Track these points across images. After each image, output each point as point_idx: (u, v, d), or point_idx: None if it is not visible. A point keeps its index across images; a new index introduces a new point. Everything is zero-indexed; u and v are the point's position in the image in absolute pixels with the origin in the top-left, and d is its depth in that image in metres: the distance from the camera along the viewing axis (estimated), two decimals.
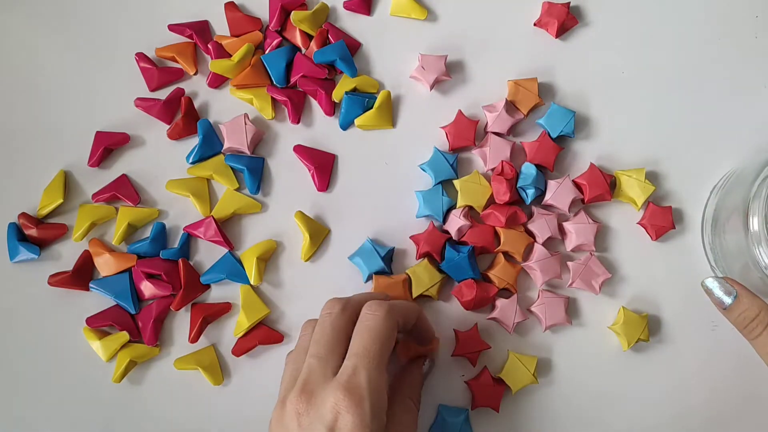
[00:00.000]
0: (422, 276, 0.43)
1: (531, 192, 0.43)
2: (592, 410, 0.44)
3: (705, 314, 0.45)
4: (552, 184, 0.44)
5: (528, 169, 0.44)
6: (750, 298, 0.36)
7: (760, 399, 0.44)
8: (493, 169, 0.45)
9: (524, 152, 0.45)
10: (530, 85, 0.45)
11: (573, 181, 0.44)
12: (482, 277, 0.44)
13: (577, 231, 0.44)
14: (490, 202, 0.44)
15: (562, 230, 0.44)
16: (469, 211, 0.44)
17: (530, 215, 0.44)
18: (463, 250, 0.43)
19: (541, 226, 0.43)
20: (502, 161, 0.44)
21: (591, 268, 0.44)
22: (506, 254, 0.44)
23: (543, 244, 0.43)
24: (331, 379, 0.33)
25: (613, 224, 0.45)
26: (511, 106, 0.45)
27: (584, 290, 0.44)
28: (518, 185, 0.44)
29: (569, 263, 0.44)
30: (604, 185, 0.44)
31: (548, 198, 0.44)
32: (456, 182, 0.44)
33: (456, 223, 0.43)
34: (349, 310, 0.36)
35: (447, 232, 0.44)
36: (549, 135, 0.44)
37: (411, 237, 0.44)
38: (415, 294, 0.43)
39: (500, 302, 0.43)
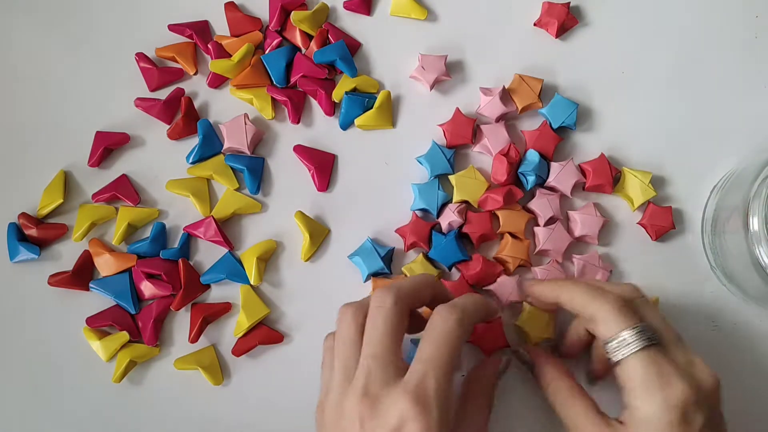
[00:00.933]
0: (418, 272, 0.43)
1: (531, 179, 0.44)
2: None
3: (705, 314, 0.45)
4: (555, 167, 0.44)
5: (532, 156, 0.44)
6: None
7: (761, 399, 0.44)
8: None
9: (525, 142, 0.45)
10: (534, 84, 0.45)
11: (579, 165, 0.44)
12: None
13: (583, 221, 0.44)
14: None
15: (566, 218, 0.44)
16: (466, 207, 0.44)
17: (532, 198, 0.45)
18: (449, 233, 0.43)
19: (542, 205, 0.43)
20: (511, 143, 0.44)
21: (592, 264, 0.44)
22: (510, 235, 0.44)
23: (544, 225, 0.44)
24: (395, 384, 0.31)
25: (614, 223, 0.45)
26: (506, 95, 0.45)
27: None
28: (519, 170, 0.44)
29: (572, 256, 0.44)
30: (608, 177, 0.44)
31: (551, 180, 0.44)
32: (452, 177, 0.44)
33: (449, 217, 0.43)
34: (402, 303, 0.34)
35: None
36: (550, 125, 0.45)
37: (396, 230, 0.44)
38: None
39: (502, 277, 0.43)
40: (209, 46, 0.47)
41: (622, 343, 0.34)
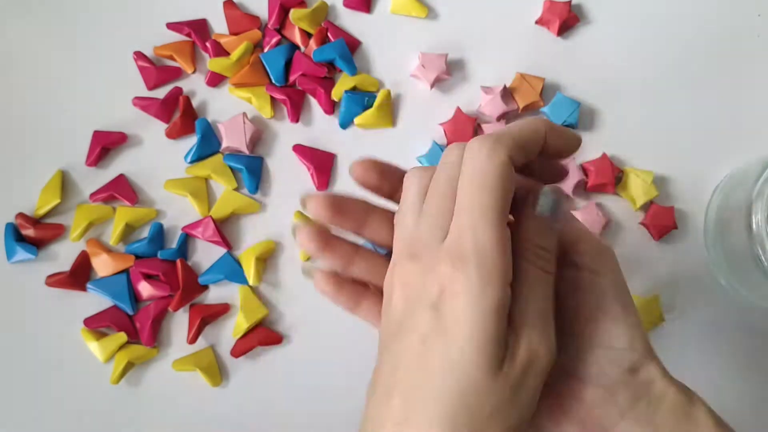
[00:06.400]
0: None
1: None
2: None
3: (707, 314, 0.44)
4: None
5: None
6: None
7: (764, 399, 0.44)
8: None
9: None
10: (535, 83, 0.45)
11: (580, 165, 0.44)
12: None
13: (585, 221, 0.43)
14: None
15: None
16: None
17: None
18: None
19: None
20: None
21: None
22: None
23: None
24: (440, 245, 0.26)
25: (616, 222, 0.45)
26: (508, 93, 0.45)
27: None
28: None
29: None
30: (610, 176, 0.44)
31: None
32: None
33: None
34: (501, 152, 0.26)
35: None
36: None
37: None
38: None
39: None
40: (207, 44, 0.46)
41: None
